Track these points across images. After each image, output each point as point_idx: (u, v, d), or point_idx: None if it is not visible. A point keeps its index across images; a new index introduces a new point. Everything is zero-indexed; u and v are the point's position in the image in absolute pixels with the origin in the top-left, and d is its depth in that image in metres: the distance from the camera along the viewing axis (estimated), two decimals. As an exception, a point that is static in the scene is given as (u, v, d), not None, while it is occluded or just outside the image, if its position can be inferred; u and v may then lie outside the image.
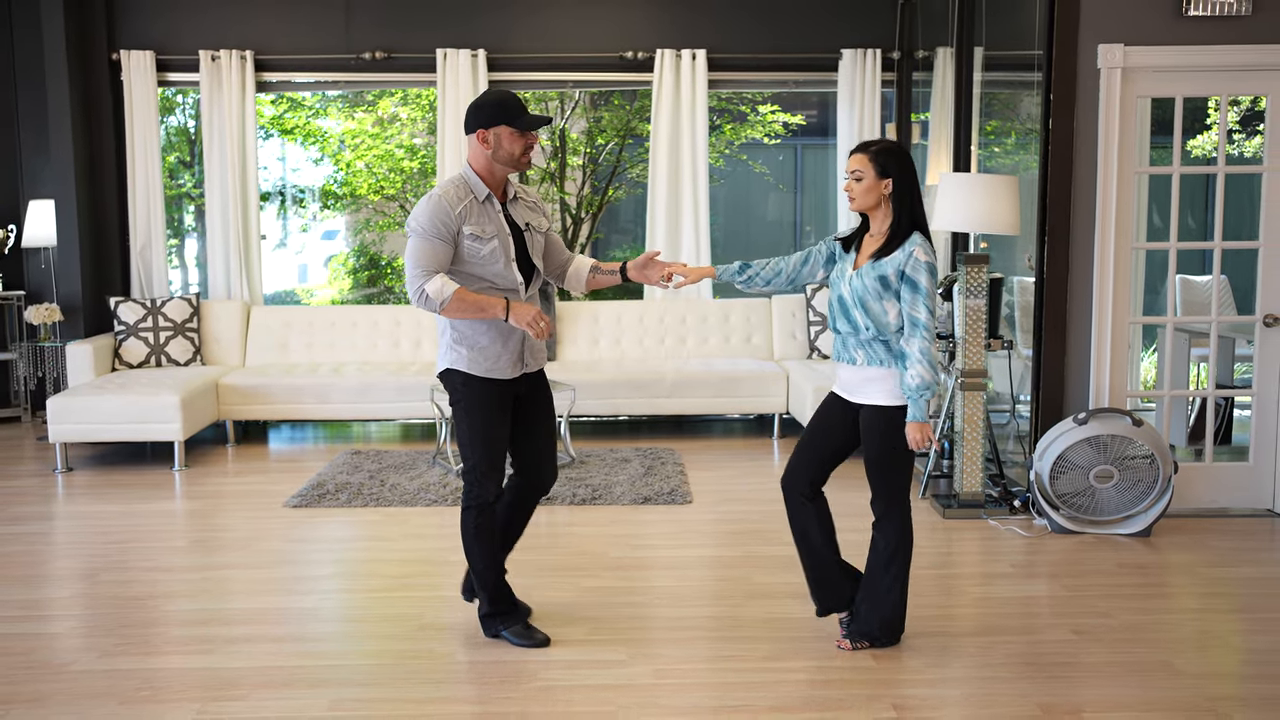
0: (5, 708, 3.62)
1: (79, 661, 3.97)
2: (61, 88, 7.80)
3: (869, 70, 8.24)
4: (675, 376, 7.59)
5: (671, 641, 4.14)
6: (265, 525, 5.70)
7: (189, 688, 3.76)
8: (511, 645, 4.05)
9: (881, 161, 3.78)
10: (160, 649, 4.11)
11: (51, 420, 6.80)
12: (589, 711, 3.56)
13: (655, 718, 3.52)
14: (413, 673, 3.88)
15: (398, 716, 3.56)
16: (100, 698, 3.69)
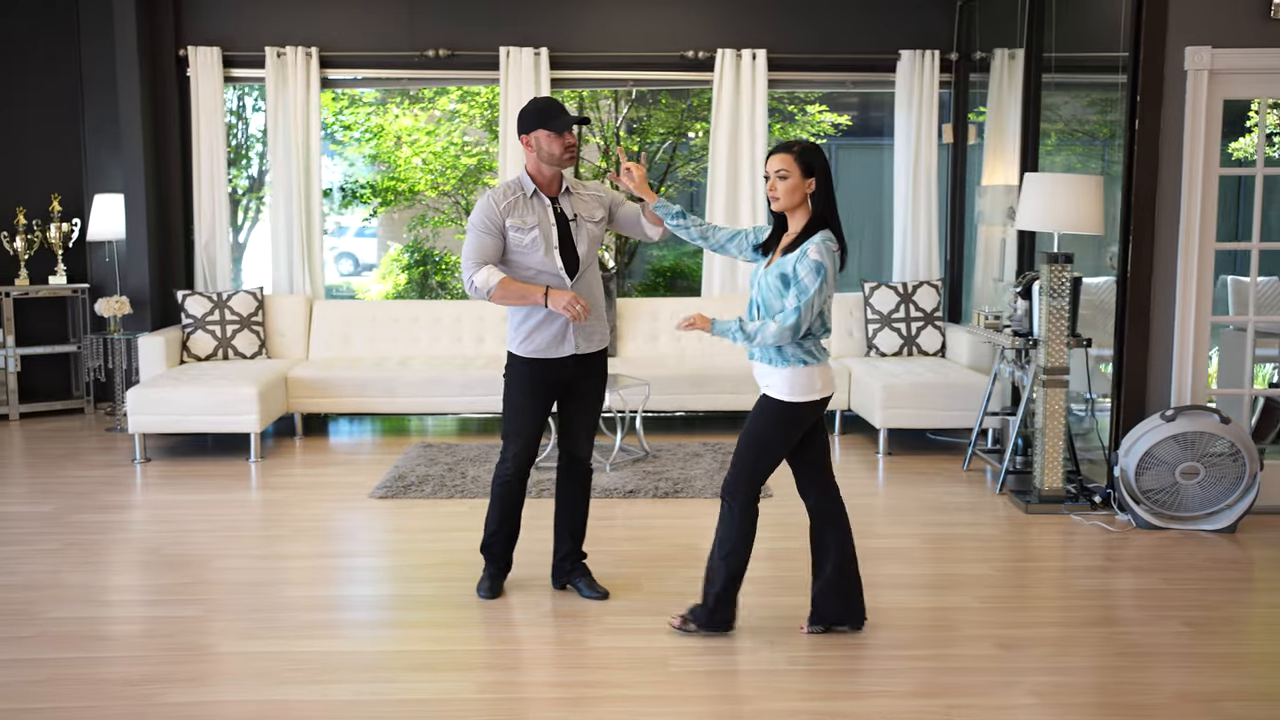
0: (166, 686, 3.70)
1: (222, 644, 4.05)
2: (132, 84, 7.86)
3: (927, 71, 8.32)
4: (737, 373, 7.66)
5: (791, 630, 4.21)
6: (357, 515, 5.78)
7: (338, 669, 3.84)
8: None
9: (806, 161, 3.89)
10: (296, 632, 4.18)
11: (131, 411, 6.86)
12: (736, 694, 3.65)
13: (798, 701, 3.60)
14: (548, 658, 3.97)
15: (547, 699, 3.64)
16: (256, 678, 3.77)
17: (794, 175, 3.86)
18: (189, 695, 3.65)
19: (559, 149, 4.21)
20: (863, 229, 11.66)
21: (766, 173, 3.91)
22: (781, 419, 3.93)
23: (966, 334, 7.74)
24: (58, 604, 4.49)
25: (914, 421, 7.13)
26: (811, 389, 3.89)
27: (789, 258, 3.84)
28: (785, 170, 3.86)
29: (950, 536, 5.46)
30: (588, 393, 4.46)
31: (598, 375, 4.47)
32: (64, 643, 4.08)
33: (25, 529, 5.55)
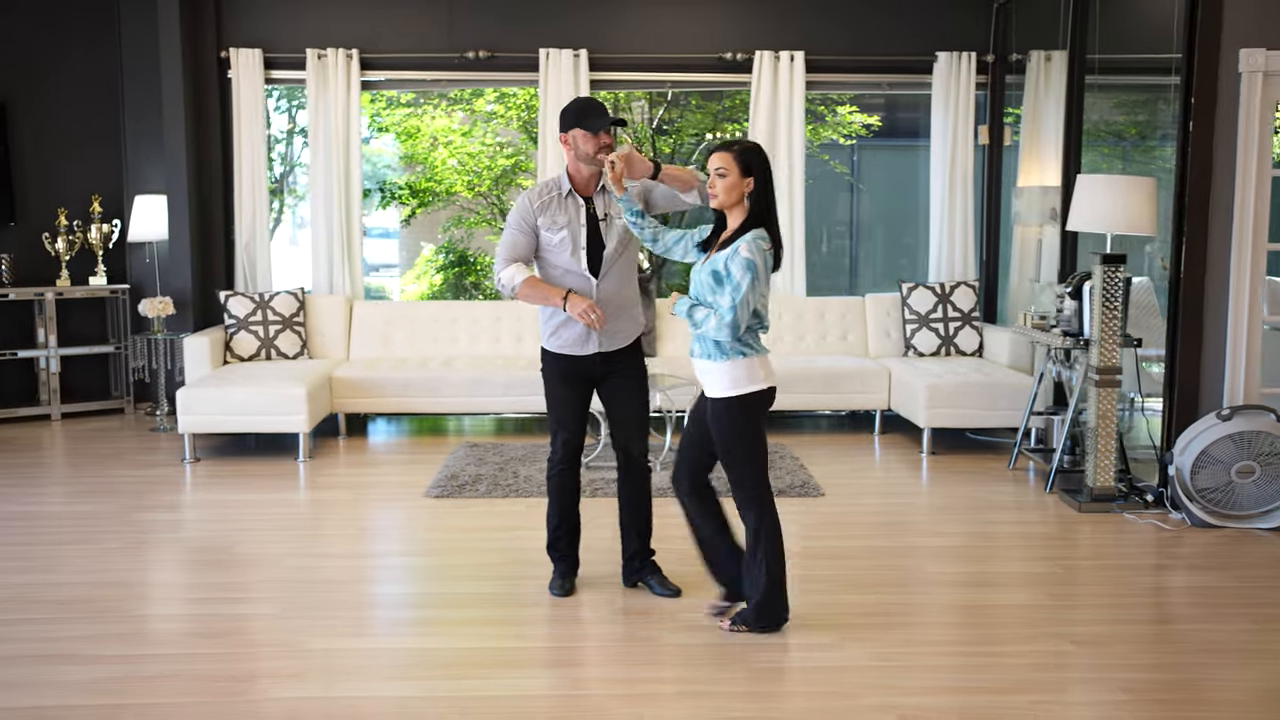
0: (270, 682, 3.74)
1: (312, 640, 4.10)
2: (176, 86, 7.90)
3: (963, 73, 8.37)
4: (779, 373, 7.67)
5: (873, 626, 4.27)
6: (416, 514, 5.82)
7: (432, 666, 3.89)
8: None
9: (745, 160, 3.95)
10: (383, 630, 4.24)
11: (181, 412, 6.90)
12: (820, 691, 3.69)
13: (883, 697, 3.65)
14: (630, 655, 4.01)
15: (625, 695, 3.68)
16: (352, 675, 3.81)
17: (733, 174, 3.92)
18: (293, 691, 3.69)
19: (593, 148, 4.28)
20: (895, 230, 11.72)
21: (707, 170, 3.99)
22: (740, 415, 4.00)
23: (1006, 334, 7.80)
24: (146, 602, 4.55)
25: (957, 421, 7.18)
26: (754, 378, 3.98)
27: (721, 255, 3.93)
28: (724, 169, 3.92)
29: (1007, 535, 5.52)
30: (624, 389, 4.51)
31: (630, 371, 4.52)
32: (163, 640, 4.14)
33: (92, 528, 5.60)
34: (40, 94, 8.44)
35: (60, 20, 8.41)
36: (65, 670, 3.86)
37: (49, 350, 8.29)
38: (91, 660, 3.94)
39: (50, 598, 4.62)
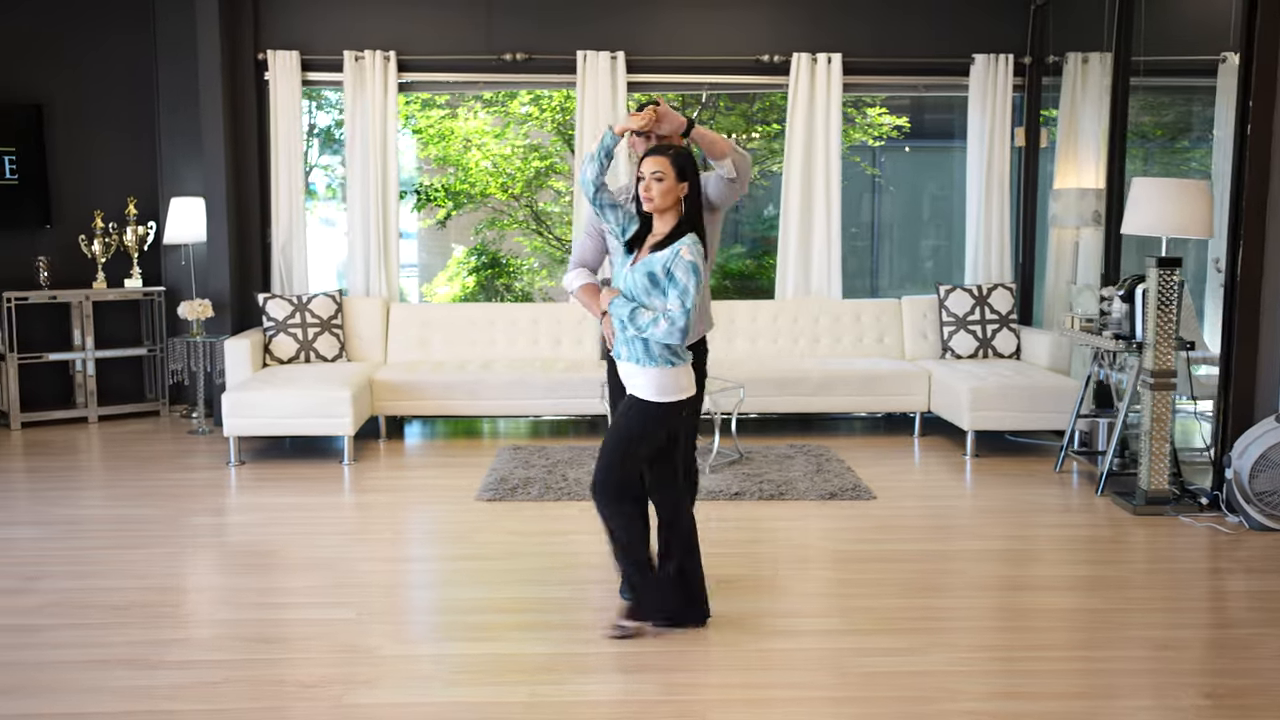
0: (343, 688, 3.72)
1: (385, 646, 4.08)
2: (214, 87, 7.89)
3: (1000, 75, 8.36)
4: (820, 375, 7.70)
5: (952, 630, 4.26)
6: (469, 517, 5.80)
7: (505, 670, 3.87)
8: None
9: (680, 165, 3.94)
10: (452, 634, 4.22)
11: (227, 414, 6.89)
12: (913, 695, 3.67)
13: (975, 702, 3.63)
14: (712, 659, 3.99)
15: (726, 700, 3.67)
16: (427, 680, 3.80)
17: (669, 178, 3.91)
18: (367, 697, 3.67)
19: (641, 146, 4.22)
20: (915, 232, 11.71)
21: (641, 173, 3.95)
22: (649, 417, 4.01)
23: (1045, 336, 7.80)
24: (209, 606, 4.52)
25: (1000, 424, 7.16)
26: (678, 388, 4.00)
27: (658, 257, 3.92)
28: (662, 173, 3.90)
29: (1065, 539, 5.50)
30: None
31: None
32: (230, 645, 4.11)
33: (145, 532, 5.58)
34: (75, 97, 8.43)
35: (95, 23, 8.40)
36: (125, 675, 3.84)
37: (85, 353, 8.27)
38: (154, 665, 3.92)
39: (105, 602, 4.59)
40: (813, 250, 8.49)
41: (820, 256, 8.49)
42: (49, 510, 5.95)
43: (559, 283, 4.39)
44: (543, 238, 10.39)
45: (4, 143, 8.14)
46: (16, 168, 8.19)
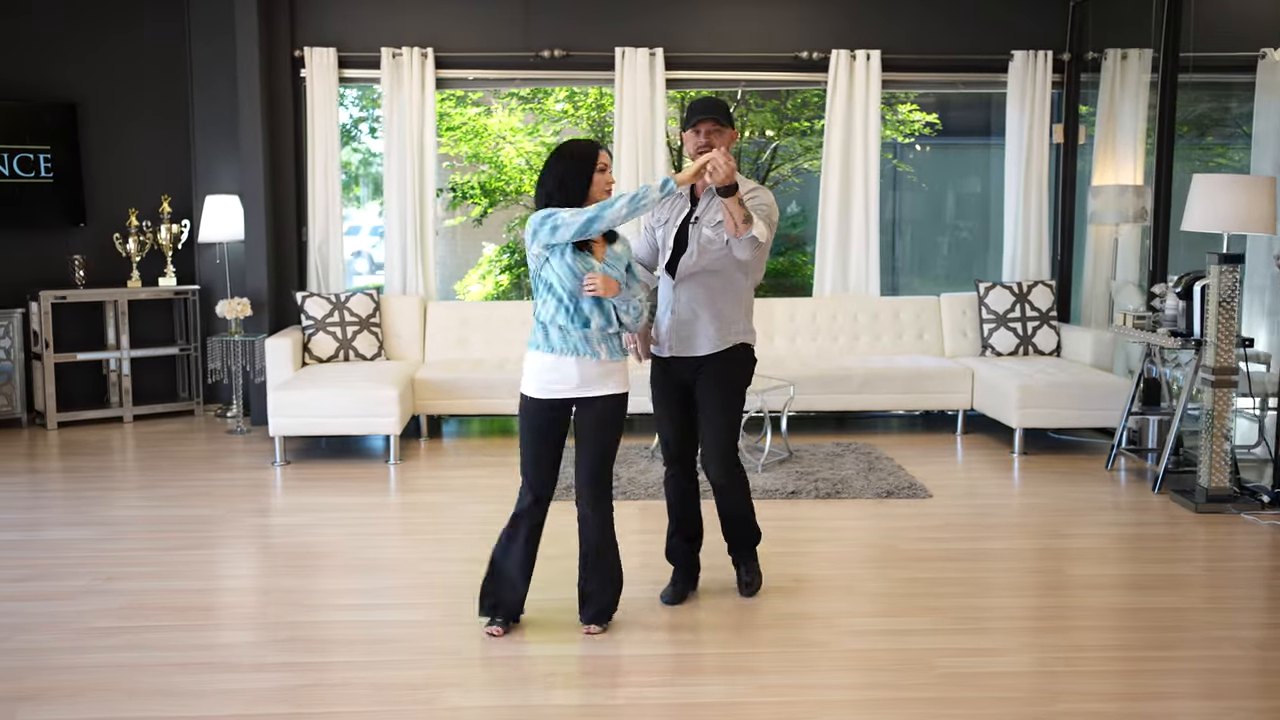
0: (437, 690, 3.69)
1: (469, 647, 4.04)
2: (253, 85, 7.83)
3: (1039, 71, 8.34)
4: (864, 373, 7.68)
5: (1034, 630, 4.24)
6: (530, 518, 5.74)
7: (600, 672, 3.84)
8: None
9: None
10: (545, 635, 4.17)
11: (272, 414, 6.85)
12: (1010, 697, 3.65)
13: (1075, 703, 3.61)
14: (805, 660, 3.96)
15: (825, 702, 3.64)
16: (527, 682, 3.77)
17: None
18: (463, 700, 3.65)
19: (692, 147, 4.22)
20: (937, 229, 11.66)
21: (605, 164, 4.03)
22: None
23: (1087, 333, 7.78)
24: (287, 609, 4.48)
25: (1049, 421, 7.15)
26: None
27: (619, 250, 4.12)
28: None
29: (1132, 536, 5.48)
30: (703, 397, 4.37)
31: (708, 380, 4.33)
32: (317, 648, 4.07)
33: (205, 533, 5.54)
34: (109, 95, 8.37)
35: (128, 21, 8.34)
36: (224, 679, 3.80)
37: (121, 352, 8.21)
38: (255, 669, 3.89)
39: (185, 604, 4.57)
40: (851, 247, 8.47)
41: (858, 254, 8.46)
42: (102, 511, 5.90)
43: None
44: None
45: (39, 141, 8.07)
46: (51, 166, 8.13)
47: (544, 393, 4.04)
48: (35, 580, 4.81)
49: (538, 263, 4.01)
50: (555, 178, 4.00)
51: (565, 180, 3.99)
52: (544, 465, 4.09)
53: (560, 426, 4.11)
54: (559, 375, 4.02)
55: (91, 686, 3.74)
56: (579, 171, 3.99)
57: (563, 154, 4.04)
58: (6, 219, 8.04)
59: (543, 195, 4.04)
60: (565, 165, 4.01)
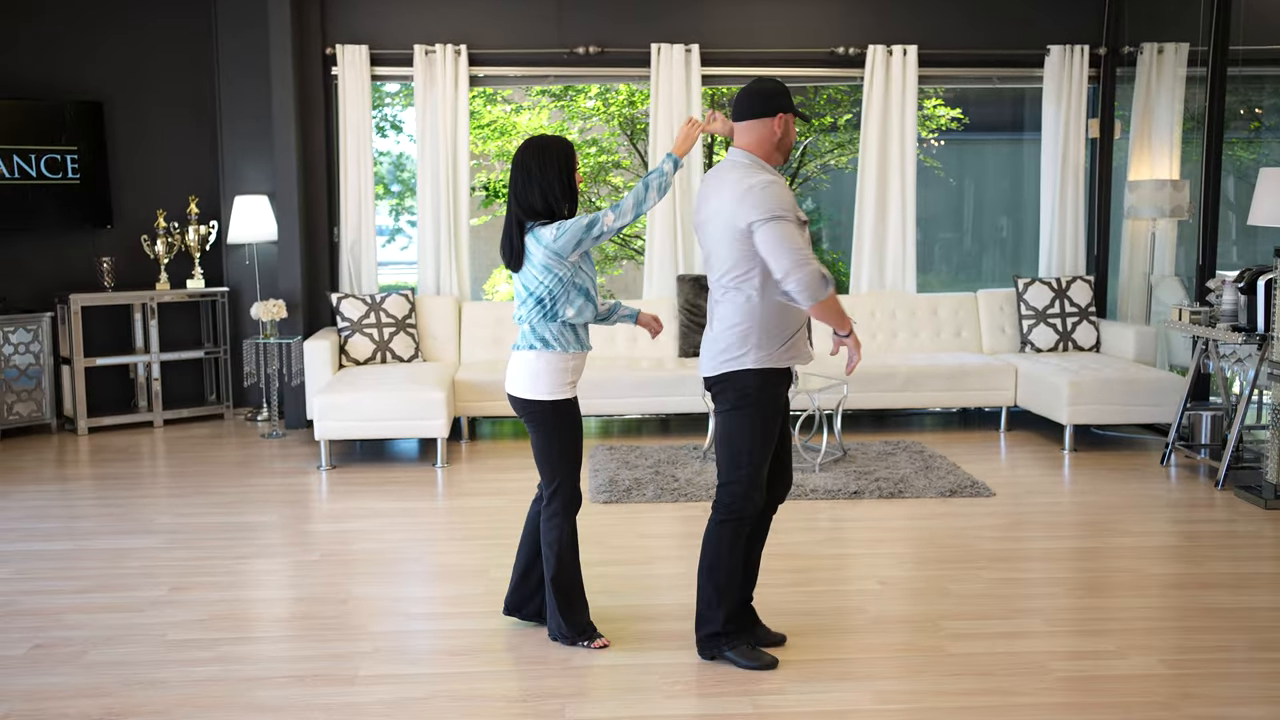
0: (560, 701, 3.59)
1: (575, 656, 3.94)
2: (285, 84, 7.69)
3: (1075, 66, 8.29)
4: (908, 370, 7.61)
5: (1145, 631, 4.17)
6: (595, 521, 5.65)
7: (718, 680, 3.74)
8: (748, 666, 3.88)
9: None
10: (645, 644, 4.07)
11: (317, 418, 6.73)
12: (1140, 701, 3.59)
13: (1212, 708, 3.54)
14: (911, 665, 3.88)
15: (940, 709, 3.56)
16: (634, 692, 3.67)
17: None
18: (590, 710, 3.55)
19: (793, 136, 3.90)
20: (983, 224, 11.61)
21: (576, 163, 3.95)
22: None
23: (1131, 328, 7.74)
24: (370, 617, 4.37)
25: (1098, 417, 7.09)
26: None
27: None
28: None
29: (1208, 534, 5.43)
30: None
31: (719, 404, 3.86)
32: (417, 658, 3.97)
33: (264, 540, 5.43)
34: (136, 94, 8.23)
35: (156, 20, 8.20)
36: (329, 693, 3.70)
37: (150, 356, 8.07)
38: (350, 681, 3.78)
39: (265, 615, 4.47)
40: (887, 244, 8.40)
41: (895, 250, 8.39)
42: (151, 518, 5.78)
43: (812, 284, 3.82)
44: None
45: (67, 141, 7.92)
46: (78, 167, 7.97)
47: (572, 391, 3.95)
48: (101, 591, 4.68)
49: (571, 270, 3.86)
50: (559, 182, 3.87)
51: (564, 181, 3.89)
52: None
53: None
54: (579, 371, 3.99)
55: (182, 701, 3.63)
56: (569, 168, 3.91)
57: (548, 154, 3.88)
58: (34, 222, 7.88)
59: (550, 201, 3.85)
60: (558, 165, 3.87)
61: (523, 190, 3.88)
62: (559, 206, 3.89)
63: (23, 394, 7.73)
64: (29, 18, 7.94)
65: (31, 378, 7.75)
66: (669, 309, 8.09)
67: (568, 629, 4.02)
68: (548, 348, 3.89)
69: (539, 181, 3.86)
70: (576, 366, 3.96)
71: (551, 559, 3.99)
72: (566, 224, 3.83)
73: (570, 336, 3.93)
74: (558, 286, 3.86)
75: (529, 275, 3.89)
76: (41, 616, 4.39)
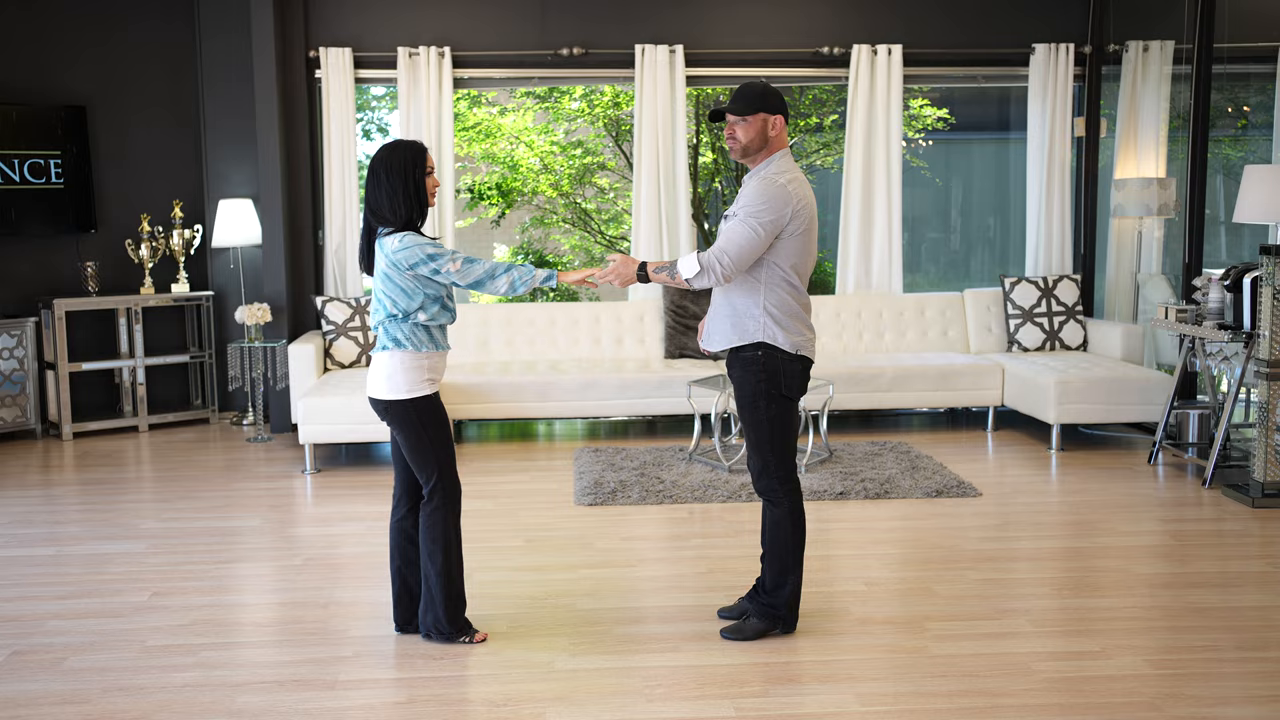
0: (538, 705, 3.56)
1: (558, 660, 3.92)
2: (269, 87, 7.67)
3: (1061, 64, 8.29)
4: (895, 370, 7.60)
5: (1129, 632, 4.16)
6: (581, 524, 5.64)
7: (701, 683, 3.72)
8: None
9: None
10: (628, 647, 4.04)
11: (302, 422, 6.69)
12: (1127, 702, 3.57)
13: (1199, 709, 3.53)
14: (896, 666, 3.87)
15: (930, 710, 3.54)
16: (620, 695, 3.65)
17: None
18: (570, 714, 3.51)
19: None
20: (968, 224, 11.61)
21: (431, 165, 3.94)
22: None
23: (1117, 327, 7.74)
24: (354, 621, 4.34)
25: (1086, 417, 7.09)
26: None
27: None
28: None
29: (1195, 533, 5.42)
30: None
31: (733, 383, 4.11)
32: (399, 663, 3.94)
33: (249, 544, 5.40)
34: (118, 98, 8.19)
35: (137, 22, 8.16)
36: (310, 697, 3.67)
37: (135, 360, 8.03)
38: (331, 686, 3.76)
39: (247, 620, 4.44)
40: (874, 245, 8.39)
41: (881, 251, 8.39)
42: (134, 523, 5.74)
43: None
44: (588, 234, 10.23)
45: (49, 146, 7.87)
46: (61, 172, 7.93)
47: (431, 388, 3.95)
48: (83, 597, 4.65)
49: (417, 280, 3.84)
50: (404, 189, 3.82)
51: (409, 188, 3.83)
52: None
53: None
54: (437, 370, 3.97)
55: (161, 707, 3.60)
56: (416, 174, 3.85)
57: (394, 159, 3.85)
58: (18, 227, 7.83)
59: (395, 206, 3.83)
60: (403, 172, 3.82)
61: (372, 195, 3.88)
62: (405, 213, 3.85)
63: (6, 399, 7.69)
64: (12, 23, 7.89)
65: (15, 383, 7.71)
66: (654, 310, 8.07)
67: (449, 626, 4.02)
68: (400, 347, 3.89)
69: (385, 187, 3.84)
70: (434, 365, 3.95)
71: (439, 554, 3.97)
72: (410, 240, 3.81)
73: (424, 337, 3.91)
74: (402, 294, 3.85)
75: (378, 279, 3.90)
76: (21, 623, 4.35)
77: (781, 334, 3.93)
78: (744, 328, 3.97)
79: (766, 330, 3.94)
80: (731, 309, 4.01)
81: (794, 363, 3.97)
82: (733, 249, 3.86)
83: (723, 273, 3.87)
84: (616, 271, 3.99)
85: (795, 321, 3.97)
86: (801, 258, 3.97)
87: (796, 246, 3.94)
